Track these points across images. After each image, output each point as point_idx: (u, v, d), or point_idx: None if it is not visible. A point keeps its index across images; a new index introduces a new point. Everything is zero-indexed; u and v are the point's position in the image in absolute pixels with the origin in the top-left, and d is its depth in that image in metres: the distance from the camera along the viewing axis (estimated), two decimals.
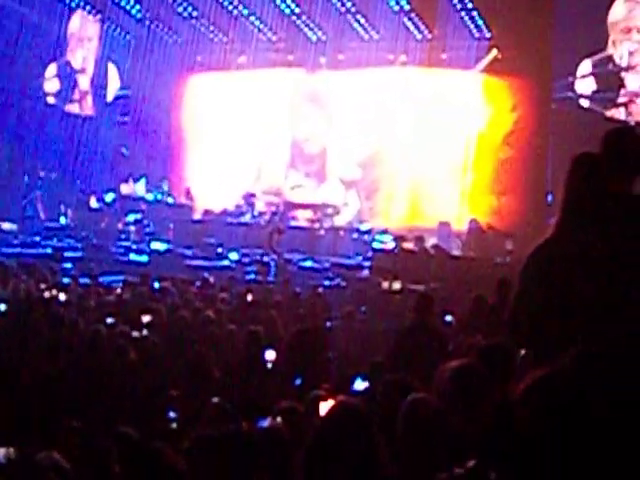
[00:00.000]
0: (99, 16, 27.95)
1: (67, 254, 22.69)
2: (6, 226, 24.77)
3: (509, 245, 21.36)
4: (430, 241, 22.22)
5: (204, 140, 28.80)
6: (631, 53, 24.23)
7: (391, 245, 22.34)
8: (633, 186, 4.82)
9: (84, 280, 17.58)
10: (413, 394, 4.94)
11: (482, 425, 3.97)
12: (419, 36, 26.13)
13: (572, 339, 3.60)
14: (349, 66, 26.96)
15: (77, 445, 6.12)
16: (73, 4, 27.24)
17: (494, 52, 25.11)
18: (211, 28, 28.11)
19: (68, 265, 21.32)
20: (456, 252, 22.23)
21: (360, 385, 6.97)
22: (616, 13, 24.23)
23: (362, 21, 26.15)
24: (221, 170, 28.03)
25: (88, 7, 27.52)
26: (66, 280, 17.41)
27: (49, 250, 23.03)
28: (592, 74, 24.41)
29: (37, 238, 24.29)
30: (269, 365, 9.04)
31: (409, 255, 20.68)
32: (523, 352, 5.50)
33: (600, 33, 24.21)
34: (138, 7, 27.51)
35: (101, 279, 18.32)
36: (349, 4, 25.71)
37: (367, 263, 21.86)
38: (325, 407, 4.68)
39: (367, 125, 26.65)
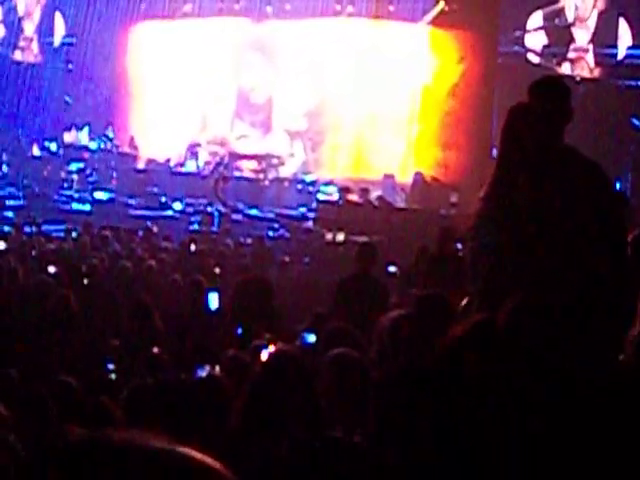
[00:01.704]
0: None
1: (8, 202, 22.45)
2: None
3: (453, 198, 21.46)
4: (375, 193, 22.25)
5: (148, 89, 28.49)
6: (577, 7, 24.27)
7: (336, 197, 22.34)
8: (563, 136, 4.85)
9: (26, 229, 17.42)
10: (337, 349, 4.94)
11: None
12: None
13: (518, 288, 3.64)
14: (295, 16, 26.76)
15: (16, 393, 6.07)
16: None
17: (441, 4, 25.03)
18: None
19: (9, 214, 21.10)
20: (401, 204, 22.30)
21: (311, 338, 6.96)
22: None
23: None
24: (165, 119, 27.76)
25: None
26: (7, 229, 17.25)
27: None
28: (542, 27, 24.39)
29: None
30: (213, 311, 9.01)
31: (353, 207, 20.72)
32: (465, 301, 5.53)
33: None
34: None
35: (43, 228, 18.16)
36: None
37: (311, 214, 21.87)
38: (266, 355, 4.67)
39: (313, 76, 26.52)
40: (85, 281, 10.64)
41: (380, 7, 25.81)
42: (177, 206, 22.89)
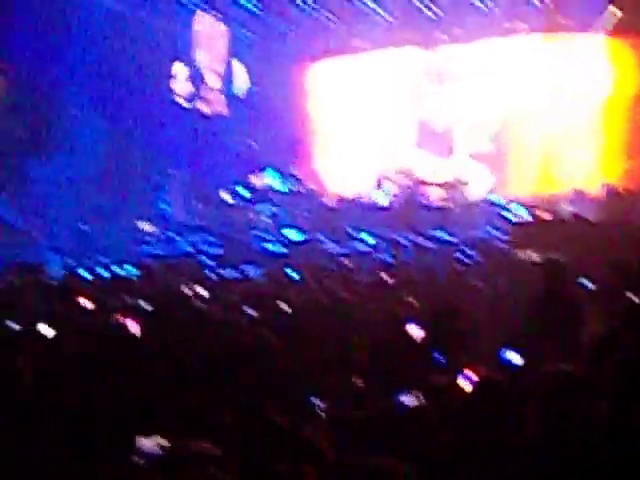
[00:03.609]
0: (219, 14, 28.32)
1: (206, 249, 23.12)
2: (142, 225, 25.27)
3: None
4: (565, 209, 21.95)
5: (330, 126, 28.99)
6: None
7: (526, 216, 22.11)
8: None
9: (225, 274, 17.94)
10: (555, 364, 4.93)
11: None
12: (536, 2, 25.78)
13: None
14: (466, 39, 26.77)
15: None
16: (192, 6, 27.65)
17: (612, 11, 24.61)
18: (326, 14, 28.20)
19: (208, 261, 21.72)
20: (593, 219, 21.89)
21: (510, 357, 6.96)
22: None
23: None
24: (349, 154, 28.16)
25: (206, 6, 27.90)
26: (207, 275, 17.81)
27: (187, 247, 23.51)
28: None
29: (172, 235, 24.77)
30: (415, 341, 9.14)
31: (545, 225, 20.45)
32: None
33: None
34: (255, 2, 27.80)
35: (242, 272, 18.65)
36: None
37: (503, 236, 21.68)
38: (465, 381, 4.73)
39: (491, 97, 26.44)
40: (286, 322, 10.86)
41: (550, 19, 25.53)
42: (369, 240, 23.06)
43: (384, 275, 15.59)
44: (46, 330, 9.83)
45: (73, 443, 6.50)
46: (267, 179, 26.75)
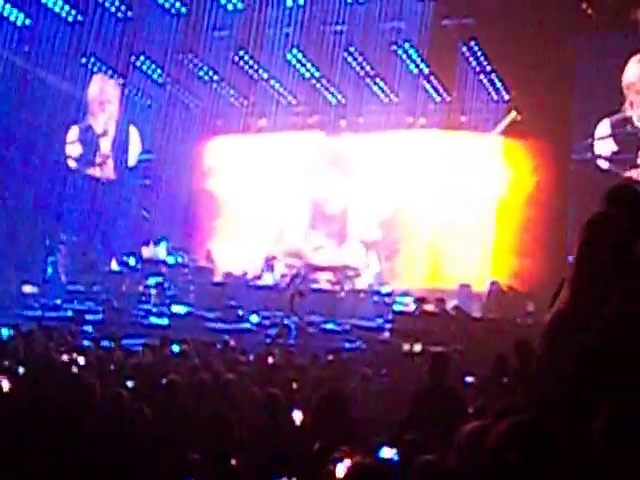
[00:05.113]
0: (120, 80, 28.17)
1: (88, 317, 22.73)
2: (27, 289, 24.84)
3: (530, 307, 21.27)
4: (451, 303, 22.17)
5: (225, 202, 28.95)
6: None
7: (412, 307, 22.27)
8: None
9: (104, 343, 17.59)
10: (424, 456, 4.92)
11: None
12: (438, 99, 26.40)
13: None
14: (369, 129, 27.19)
15: None
16: (95, 68, 27.44)
17: (513, 114, 25.27)
18: (231, 92, 28.37)
19: (89, 328, 21.35)
20: (477, 314, 22.16)
21: (386, 453, 6.90)
22: (630, 75, 24.24)
23: (381, 84, 26.37)
24: (242, 231, 28.13)
25: (110, 71, 27.74)
26: (86, 343, 17.44)
27: (70, 313, 23.10)
28: (611, 135, 24.39)
29: (58, 301, 24.34)
30: (297, 425, 9.05)
31: (430, 317, 20.61)
32: None
33: (619, 94, 24.27)
34: (159, 71, 27.80)
35: (122, 342, 18.31)
36: (368, 68, 25.93)
37: (388, 325, 21.78)
38: (341, 469, 4.66)
39: (387, 186, 26.74)
40: (164, 395, 10.68)
41: (452, 118, 26.15)
42: (254, 319, 22.96)
43: (268, 356, 15.52)
44: None
45: None
46: (158, 251, 26.53)
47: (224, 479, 6.96)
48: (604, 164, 24.45)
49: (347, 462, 5.03)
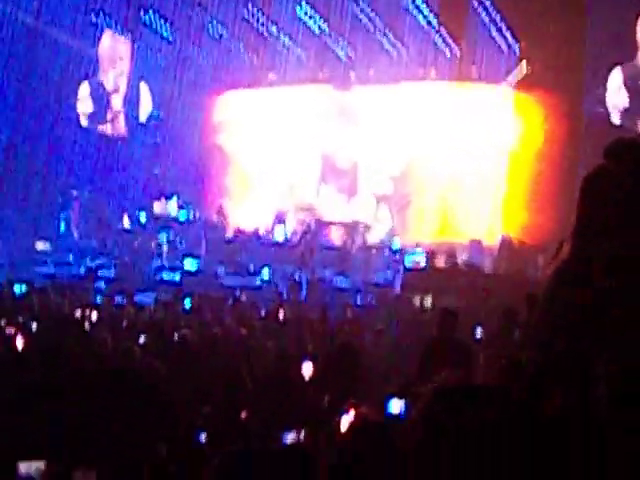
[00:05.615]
0: (130, 36, 28.08)
1: (101, 273, 22.81)
2: (40, 246, 24.88)
3: (541, 260, 21.23)
4: (462, 257, 22.15)
5: (236, 157, 28.92)
6: None
7: (423, 262, 22.23)
8: None
9: (117, 299, 17.67)
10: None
11: None
12: (448, 51, 26.19)
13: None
14: (379, 82, 27.04)
15: (111, 462, 6.16)
16: (104, 25, 27.34)
17: (523, 66, 25.09)
18: (241, 47, 28.25)
19: (101, 284, 21.43)
20: (488, 268, 22.14)
21: (393, 407, 6.94)
22: None
23: (391, 37, 26.21)
24: (253, 186, 28.12)
25: (119, 27, 27.65)
26: (99, 299, 17.54)
27: (82, 270, 23.16)
28: (624, 86, 24.15)
29: (71, 257, 24.39)
30: (306, 379, 9.12)
31: (440, 272, 20.60)
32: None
33: (632, 46, 24.06)
34: (169, 27, 27.70)
35: (135, 298, 18.38)
36: (377, 21, 25.77)
37: (399, 280, 21.79)
38: (346, 420, 4.69)
39: (397, 140, 26.66)
40: (176, 350, 10.74)
41: (462, 70, 25.96)
42: (265, 274, 22.98)
43: (279, 311, 15.59)
44: None
45: None
46: (169, 207, 26.52)
47: (235, 432, 7.00)
48: (616, 119, 24.27)
49: (352, 414, 5.06)
